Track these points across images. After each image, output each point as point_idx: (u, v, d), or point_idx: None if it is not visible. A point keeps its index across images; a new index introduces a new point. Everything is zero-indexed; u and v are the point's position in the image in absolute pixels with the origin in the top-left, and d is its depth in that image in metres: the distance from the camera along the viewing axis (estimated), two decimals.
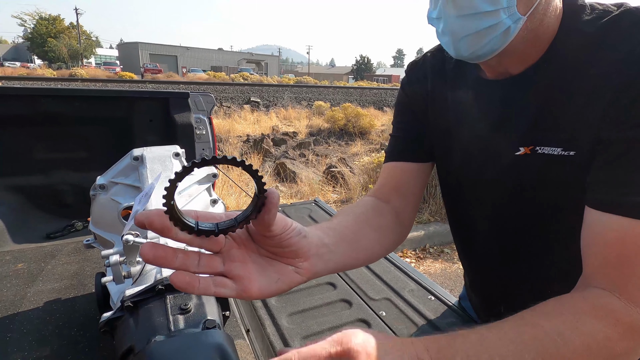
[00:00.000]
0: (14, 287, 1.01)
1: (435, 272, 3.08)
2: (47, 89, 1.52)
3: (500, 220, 0.65)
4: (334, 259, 0.49)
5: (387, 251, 0.64)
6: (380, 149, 6.72)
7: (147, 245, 0.30)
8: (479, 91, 0.62)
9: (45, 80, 16.95)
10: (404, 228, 0.69)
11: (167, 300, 0.56)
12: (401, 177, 0.71)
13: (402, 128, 0.74)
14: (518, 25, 0.49)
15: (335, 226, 0.54)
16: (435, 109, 0.69)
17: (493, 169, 0.62)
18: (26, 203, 1.52)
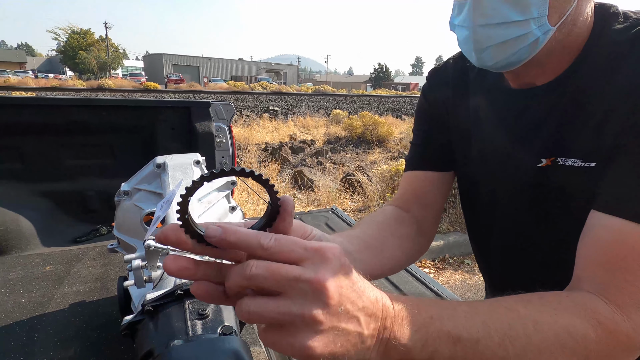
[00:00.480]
0: (42, 288, 1.05)
1: (455, 284, 3.00)
2: (76, 99, 1.60)
3: (520, 232, 0.63)
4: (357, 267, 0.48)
5: (410, 261, 0.63)
6: (398, 157, 6.66)
7: (169, 257, 0.31)
8: (501, 100, 0.61)
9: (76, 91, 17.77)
10: (426, 238, 0.68)
11: (185, 305, 0.57)
12: (422, 186, 0.70)
13: (422, 136, 0.73)
14: (547, 36, 0.48)
15: (358, 234, 0.54)
16: (456, 116, 0.68)
17: (513, 180, 0.60)
18: (55, 208, 1.59)
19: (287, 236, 0.31)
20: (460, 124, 0.68)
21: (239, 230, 0.30)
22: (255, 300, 0.30)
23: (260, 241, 0.30)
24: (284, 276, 0.29)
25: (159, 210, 0.62)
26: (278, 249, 0.30)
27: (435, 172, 0.70)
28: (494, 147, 0.62)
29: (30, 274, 1.14)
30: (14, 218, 1.43)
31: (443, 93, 0.70)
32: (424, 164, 0.70)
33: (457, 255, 3.43)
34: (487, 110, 0.63)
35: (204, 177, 0.29)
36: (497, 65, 0.52)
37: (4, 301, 0.98)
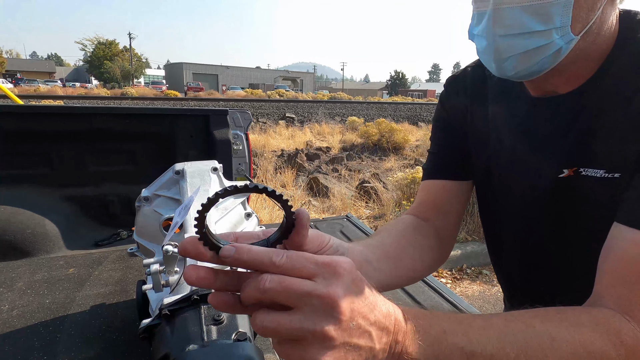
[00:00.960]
0: (65, 290, 1.08)
1: (473, 295, 2.92)
2: (101, 107, 1.66)
3: (540, 243, 0.61)
4: (377, 277, 0.48)
5: (429, 271, 0.63)
6: (414, 164, 6.59)
7: (189, 267, 0.32)
8: (522, 109, 0.60)
9: (100, 99, 18.46)
10: (445, 247, 0.67)
11: (201, 310, 0.58)
12: (441, 196, 0.69)
13: (440, 144, 0.72)
14: (570, 45, 0.47)
15: (377, 243, 0.53)
16: (475, 125, 0.67)
17: (534, 190, 0.59)
18: (79, 212, 1.65)
19: (299, 252, 0.32)
20: (478, 133, 0.67)
21: (252, 249, 0.31)
22: (269, 314, 0.30)
23: (272, 259, 0.30)
24: (296, 291, 0.29)
25: (177, 216, 0.64)
26: (290, 265, 0.30)
27: (453, 181, 0.69)
28: (514, 156, 0.61)
29: (55, 275, 1.18)
30: (41, 221, 1.49)
31: (461, 101, 0.69)
32: (442, 173, 0.70)
33: (475, 266, 3.35)
34: (506, 119, 0.62)
35: (218, 194, 0.30)
36: (518, 75, 0.51)
37: (30, 302, 1.01)
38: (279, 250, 0.31)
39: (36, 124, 1.56)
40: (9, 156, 1.55)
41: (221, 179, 0.91)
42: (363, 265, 0.46)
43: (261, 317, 0.30)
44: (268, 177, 5.30)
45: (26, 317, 0.93)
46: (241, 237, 0.36)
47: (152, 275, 0.64)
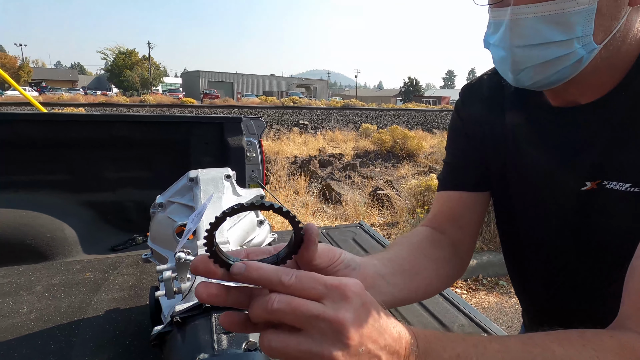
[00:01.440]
0: (81, 294, 1.10)
1: (490, 306, 2.84)
2: (119, 115, 1.71)
3: (559, 258, 0.59)
4: (391, 292, 0.47)
5: (446, 285, 0.61)
6: (428, 171, 6.52)
7: (201, 284, 0.32)
8: (541, 119, 0.58)
9: (120, 106, 18.99)
10: (462, 260, 0.65)
11: (212, 318, 0.58)
12: (457, 207, 0.67)
13: (456, 154, 0.71)
14: (592, 55, 0.46)
15: (391, 257, 0.52)
16: (492, 134, 0.65)
17: (554, 203, 0.57)
18: (96, 217, 1.68)
19: (309, 273, 0.31)
20: (496, 143, 0.65)
21: (261, 267, 0.31)
22: (277, 335, 0.30)
23: (281, 279, 0.30)
24: (305, 313, 0.29)
25: (190, 223, 0.64)
26: (299, 286, 0.30)
27: (470, 192, 0.67)
28: (534, 167, 0.59)
29: (72, 279, 1.20)
30: (60, 226, 1.52)
31: (477, 110, 0.67)
32: (458, 184, 0.67)
33: (491, 276, 3.27)
34: (525, 129, 0.60)
35: (225, 212, 0.30)
36: (536, 85, 0.50)
37: (47, 305, 1.03)
38: (288, 270, 0.31)
39: (57, 131, 1.61)
40: (32, 162, 1.61)
41: (234, 186, 0.91)
42: (376, 280, 0.44)
43: (269, 337, 0.30)
44: (281, 183, 5.32)
45: (43, 320, 0.95)
46: (252, 252, 0.36)
47: (164, 281, 0.65)
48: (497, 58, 0.52)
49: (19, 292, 1.11)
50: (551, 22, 0.45)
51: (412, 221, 3.87)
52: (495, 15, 0.50)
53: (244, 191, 0.93)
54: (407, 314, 1.01)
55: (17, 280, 1.18)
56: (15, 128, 1.55)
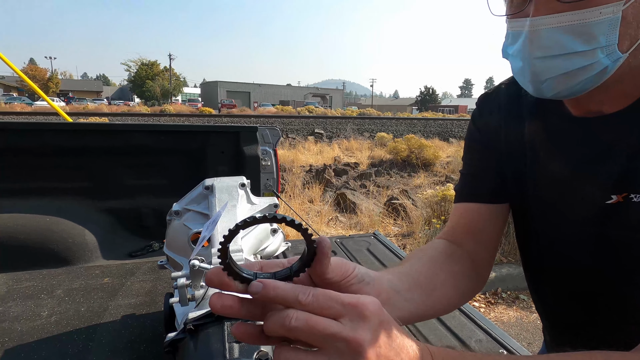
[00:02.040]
0: (99, 299, 1.13)
1: (509, 321, 2.75)
2: (139, 124, 1.76)
3: (582, 274, 0.57)
4: (408, 308, 0.45)
5: (464, 300, 0.59)
6: (445, 181, 6.42)
7: (214, 295, 0.33)
8: (562, 129, 0.56)
9: (141, 116, 19.58)
10: (481, 275, 0.63)
11: (224, 327, 0.58)
12: (474, 220, 0.65)
13: (473, 165, 0.69)
14: (617, 64, 0.44)
15: (408, 271, 0.51)
16: (510, 145, 0.64)
17: (577, 217, 0.54)
18: (115, 223, 1.73)
19: (326, 291, 0.31)
20: (514, 153, 0.63)
21: (278, 286, 0.31)
22: (293, 353, 0.30)
23: (298, 297, 0.30)
24: (322, 332, 0.29)
25: (204, 230, 0.65)
26: (316, 305, 0.30)
27: (488, 204, 0.64)
28: (555, 180, 0.57)
29: (91, 284, 1.23)
30: (81, 232, 1.57)
31: (495, 119, 0.65)
32: (475, 196, 0.65)
33: (511, 290, 3.16)
34: (545, 139, 0.58)
35: (238, 225, 0.31)
36: (558, 95, 0.48)
37: (67, 309, 1.06)
38: (305, 288, 0.31)
39: (81, 140, 1.67)
40: (57, 169, 1.67)
41: (248, 194, 0.92)
42: (392, 295, 0.43)
43: (285, 355, 0.30)
44: (296, 192, 5.34)
45: (63, 324, 0.98)
46: (266, 265, 0.36)
47: (178, 288, 0.65)
48: (516, 69, 0.51)
49: (40, 295, 1.14)
50: (573, 33, 0.44)
51: (428, 232, 3.80)
52: (514, 26, 0.49)
53: (258, 200, 0.94)
54: (422, 328, 0.98)
55: (39, 283, 1.22)
56: (43, 137, 1.62)
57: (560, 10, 0.44)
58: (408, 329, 0.97)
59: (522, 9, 0.48)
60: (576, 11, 0.43)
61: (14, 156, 1.60)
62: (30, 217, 1.53)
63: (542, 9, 0.45)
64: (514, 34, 0.49)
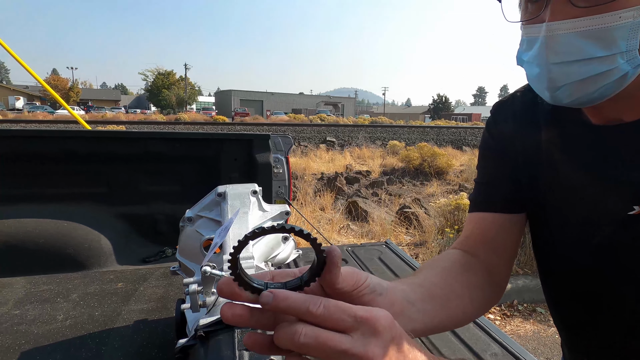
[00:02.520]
0: (113, 304, 1.14)
1: (526, 335, 2.66)
2: (154, 132, 1.80)
3: (602, 287, 0.54)
4: (422, 319, 0.44)
5: (480, 312, 0.57)
6: (458, 190, 6.32)
7: (226, 305, 0.33)
8: (580, 137, 0.54)
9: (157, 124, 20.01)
10: (497, 286, 0.61)
11: (235, 334, 0.58)
12: (490, 230, 0.63)
13: (487, 173, 0.67)
14: (638, 70, 0.43)
15: (421, 282, 0.49)
16: (526, 153, 0.62)
17: (596, 229, 0.53)
18: (130, 229, 1.76)
19: (337, 303, 0.31)
20: (530, 162, 0.61)
21: (289, 297, 0.31)
22: None
23: (309, 308, 0.30)
24: (333, 349, 0.29)
25: (216, 237, 0.66)
26: (327, 316, 0.30)
27: (503, 213, 0.63)
28: (572, 189, 0.55)
29: (105, 289, 1.25)
30: (97, 237, 1.60)
31: (510, 127, 0.64)
32: (490, 205, 0.64)
33: (527, 302, 3.07)
34: (562, 147, 0.57)
35: (247, 236, 0.31)
36: (576, 102, 0.47)
37: (82, 313, 1.08)
38: (316, 300, 0.31)
39: (99, 147, 1.72)
40: (75, 175, 1.71)
41: (260, 201, 0.93)
42: (406, 307, 0.42)
43: None
44: (307, 199, 5.34)
45: (77, 328, 0.99)
46: (277, 275, 0.36)
47: (190, 295, 0.66)
48: (531, 75, 0.50)
49: (56, 299, 1.16)
50: (591, 38, 0.43)
51: (442, 241, 3.74)
52: (529, 32, 0.49)
53: (269, 207, 0.94)
54: (436, 341, 0.96)
55: (56, 287, 1.25)
56: (63, 144, 1.67)
57: (577, 15, 0.43)
58: (421, 341, 0.95)
59: (537, 14, 0.47)
60: (594, 16, 0.42)
61: (37, 163, 1.65)
62: (50, 222, 1.57)
63: (558, 14, 0.44)
64: (529, 40, 0.49)
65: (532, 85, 0.52)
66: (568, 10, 0.44)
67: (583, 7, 0.43)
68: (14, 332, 0.96)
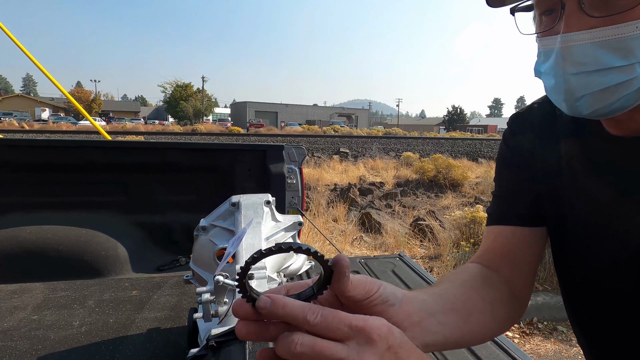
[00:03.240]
0: (127, 311, 1.16)
1: (547, 354, 2.55)
2: (171, 142, 1.84)
3: (627, 307, 0.52)
4: (442, 332, 0.43)
5: (502, 330, 0.55)
6: (474, 202, 6.20)
7: (240, 322, 0.33)
8: (601, 150, 0.53)
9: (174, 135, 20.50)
10: (519, 303, 0.59)
11: (247, 345, 0.58)
12: (510, 244, 0.61)
13: (505, 186, 0.66)
14: None
15: (442, 293, 0.48)
16: (544, 165, 0.61)
17: (622, 244, 0.51)
18: (146, 238, 1.79)
19: (335, 312, 0.31)
20: (549, 173, 0.60)
21: (287, 304, 0.31)
22: None
23: (306, 317, 0.31)
24: (328, 358, 0.29)
25: (229, 246, 0.66)
26: (324, 326, 0.30)
27: (523, 227, 0.61)
28: (594, 203, 0.54)
29: (120, 296, 1.26)
30: (114, 245, 1.63)
31: (527, 139, 0.63)
32: (509, 218, 0.62)
33: (548, 320, 2.96)
34: (583, 160, 0.55)
35: (254, 257, 0.32)
36: (596, 113, 0.46)
37: (96, 320, 1.09)
38: (315, 308, 0.31)
39: (118, 157, 1.76)
40: (95, 184, 1.76)
41: (273, 212, 0.93)
42: (425, 318, 0.41)
43: None
44: (320, 210, 5.33)
45: (92, 335, 1.01)
46: (292, 288, 0.36)
47: (202, 304, 0.66)
48: (549, 87, 0.49)
49: (73, 305, 1.18)
50: (608, 48, 0.42)
51: (457, 255, 3.66)
52: (545, 44, 0.48)
53: (282, 217, 0.95)
54: (451, 357, 0.93)
55: (73, 294, 1.27)
56: (85, 154, 1.72)
57: (592, 26, 0.43)
58: (435, 356, 0.93)
59: (552, 26, 0.47)
60: (610, 26, 0.42)
61: (60, 172, 1.70)
62: (70, 229, 1.61)
63: (573, 26, 0.44)
64: (546, 52, 0.48)
65: (550, 97, 0.51)
66: (582, 20, 0.43)
67: (598, 17, 0.43)
68: (31, 337, 0.98)
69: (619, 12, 0.41)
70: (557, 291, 2.98)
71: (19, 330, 1.01)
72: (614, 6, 0.42)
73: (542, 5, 0.49)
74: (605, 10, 0.42)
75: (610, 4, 0.42)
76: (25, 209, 1.65)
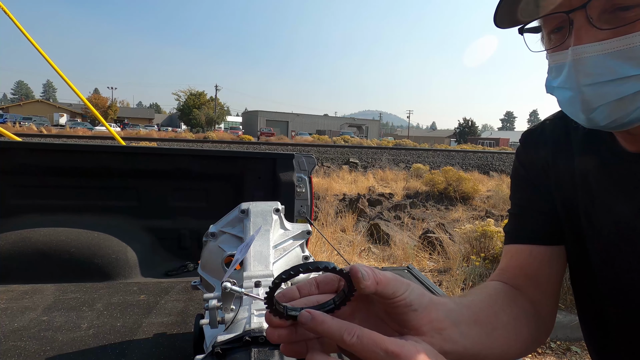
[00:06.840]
0: (134, 315, 1.16)
1: None
2: (183, 149, 1.86)
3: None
4: (462, 342, 0.41)
5: (527, 350, 0.53)
6: (485, 216, 6.11)
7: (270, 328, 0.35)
8: (617, 166, 0.52)
9: (186, 142, 20.79)
10: (544, 323, 0.57)
11: (252, 353, 0.57)
12: (530, 263, 0.60)
13: (520, 205, 0.65)
14: None
15: (469, 304, 0.47)
16: (559, 183, 0.60)
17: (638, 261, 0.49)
18: (155, 242, 1.80)
19: (372, 334, 0.32)
20: (564, 190, 0.59)
21: (326, 321, 0.32)
22: None
23: (343, 337, 0.32)
24: None
25: (238, 253, 0.66)
26: (359, 347, 0.31)
27: (540, 245, 0.60)
28: (612, 220, 0.52)
29: (128, 300, 1.27)
30: (124, 249, 1.65)
31: (541, 156, 0.62)
32: (527, 236, 0.61)
33: (561, 340, 2.86)
34: (599, 177, 0.54)
35: (276, 282, 0.34)
36: (614, 124, 0.45)
37: (104, 323, 1.10)
38: (351, 328, 0.32)
39: (131, 162, 1.80)
40: (108, 189, 1.79)
41: (282, 220, 0.93)
42: (448, 327, 0.40)
43: None
44: (329, 220, 5.31)
45: (99, 338, 1.01)
46: (322, 282, 0.38)
47: (209, 310, 0.66)
48: (564, 100, 0.49)
49: (82, 307, 1.20)
50: (621, 58, 0.42)
51: (467, 269, 3.59)
52: (555, 59, 0.48)
53: (291, 225, 0.95)
54: None
55: (82, 296, 1.28)
56: (99, 158, 1.76)
57: (602, 38, 0.43)
58: None
59: (561, 42, 0.47)
60: (621, 37, 0.42)
61: (76, 175, 1.74)
62: (82, 232, 1.64)
63: (583, 38, 0.44)
64: (557, 66, 0.48)
65: (565, 110, 0.50)
66: (592, 33, 0.43)
67: (607, 29, 0.43)
68: (40, 338, 0.99)
69: (627, 23, 0.41)
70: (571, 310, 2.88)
71: (28, 331, 1.02)
72: (622, 18, 0.42)
73: (549, 24, 0.49)
74: (614, 22, 0.42)
75: (619, 16, 0.42)
76: (40, 211, 1.68)
